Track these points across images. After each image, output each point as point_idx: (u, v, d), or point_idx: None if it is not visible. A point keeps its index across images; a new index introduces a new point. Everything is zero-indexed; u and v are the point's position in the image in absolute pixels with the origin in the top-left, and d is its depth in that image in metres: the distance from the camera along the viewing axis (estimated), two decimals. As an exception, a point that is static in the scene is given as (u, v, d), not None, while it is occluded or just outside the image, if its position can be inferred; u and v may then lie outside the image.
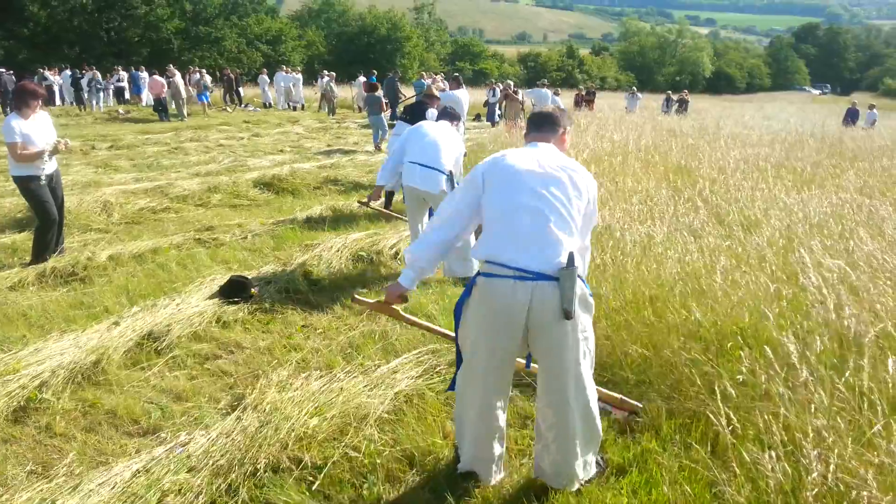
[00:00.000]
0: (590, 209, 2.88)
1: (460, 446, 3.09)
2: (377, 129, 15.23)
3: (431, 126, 6.11)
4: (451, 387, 3.07)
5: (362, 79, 27.82)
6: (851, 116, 22.77)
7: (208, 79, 24.02)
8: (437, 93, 9.08)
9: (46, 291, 5.53)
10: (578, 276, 2.66)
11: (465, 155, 6.12)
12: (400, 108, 16.70)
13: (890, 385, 2.87)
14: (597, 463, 3.06)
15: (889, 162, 10.34)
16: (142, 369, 4.22)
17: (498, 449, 3.00)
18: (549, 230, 2.67)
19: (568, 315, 2.59)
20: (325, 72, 26.15)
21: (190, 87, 23.54)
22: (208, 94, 23.03)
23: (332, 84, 25.19)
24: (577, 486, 2.91)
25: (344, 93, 29.14)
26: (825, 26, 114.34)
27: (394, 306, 3.28)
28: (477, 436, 2.94)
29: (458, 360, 2.96)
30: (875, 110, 23.24)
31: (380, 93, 16.05)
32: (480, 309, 2.75)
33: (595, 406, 2.85)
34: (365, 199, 7.05)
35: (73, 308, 5.15)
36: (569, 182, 2.79)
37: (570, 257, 2.61)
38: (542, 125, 3.10)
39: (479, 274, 2.78)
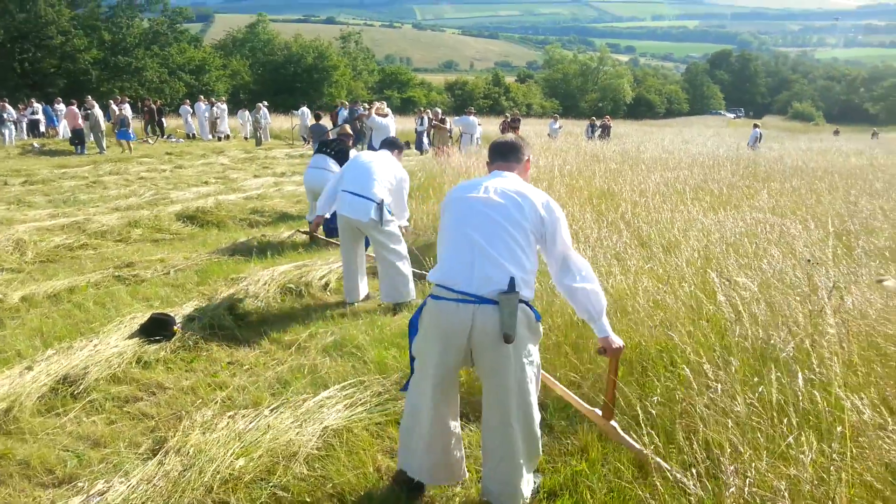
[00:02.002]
0: (547, 231, 2.89)
1: (407, 460, 3.08)
2: None
3: (370, 155, 6.14)
4: (405, 387, 3.17)
5: (305, 109, 27.67)
6: (753, 139, 24.13)
7: (129, 113, 22.19)
8: (350, 130, 9.30)
9: (-48, 337, 5.23)
10: (524, 300, 2.76)
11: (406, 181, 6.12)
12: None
13: (801, 398, 2.99)
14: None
15: (799, 182, 10.86)
16: (57, 415, 4.02)
17: (457, 453, 3.07)
18: (491, 256, 2.76)
19: (508, 339, 2.69)
20: (261, 104, 25.85)
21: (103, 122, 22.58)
22: (131, 131, 21.07)
23: (259, 115, 24.92)
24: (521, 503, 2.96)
25: (282, 123, 28.84)
26: (737, 53, 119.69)
27: None
28: (430, 444, 2.99)
29: (412, 368, 3.09)
30: (758, 129, 24.60)
31: (324, 122, 16.12)
32: (430, 327, 2.90)
33: (537, 427, 2.94)
34: (305, 229, 7.00)
35: (-18, 353, 4.89)
36: (513, 207, 2.85)
37: (512, 282, 2.71)
38: (508, 154, 3.17)
39: (430, 296, 2.92)
